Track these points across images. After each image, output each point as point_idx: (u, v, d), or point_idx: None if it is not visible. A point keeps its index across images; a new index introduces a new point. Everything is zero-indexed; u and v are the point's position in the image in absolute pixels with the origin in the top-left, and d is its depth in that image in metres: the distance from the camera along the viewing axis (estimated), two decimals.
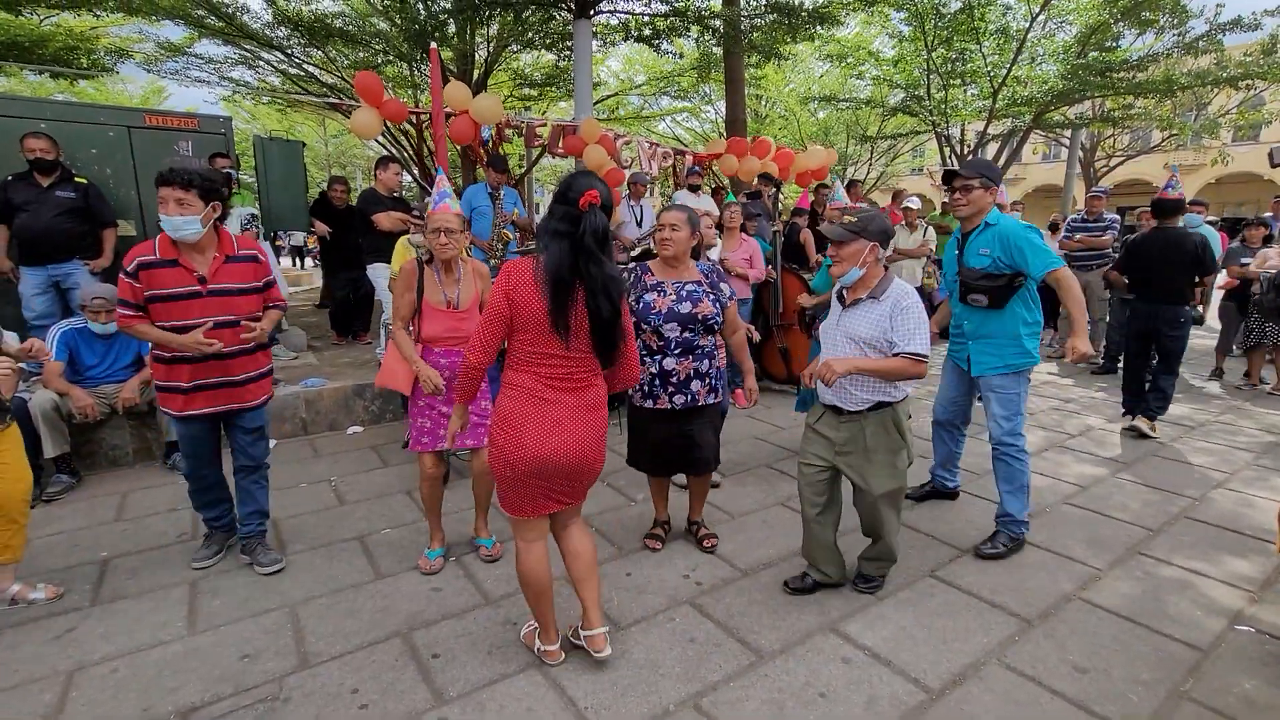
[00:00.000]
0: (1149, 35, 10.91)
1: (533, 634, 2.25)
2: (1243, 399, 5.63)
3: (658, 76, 14.55)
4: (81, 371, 3.75)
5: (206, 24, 9.06)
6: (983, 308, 2.94)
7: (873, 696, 2.06)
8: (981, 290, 2.91)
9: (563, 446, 1.96)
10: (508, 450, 1.96)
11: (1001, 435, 2.96)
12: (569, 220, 1.89)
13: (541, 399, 1.95)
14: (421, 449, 2.78)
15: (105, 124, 5.12)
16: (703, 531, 3.04)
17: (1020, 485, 2.95)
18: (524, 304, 1.89)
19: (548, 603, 2.13)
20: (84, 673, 2.17)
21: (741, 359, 2.94)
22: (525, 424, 1.94)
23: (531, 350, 1.94)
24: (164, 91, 19.29)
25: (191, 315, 2.50)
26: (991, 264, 2.86)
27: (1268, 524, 3.19)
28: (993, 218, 2.92)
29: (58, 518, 3.33)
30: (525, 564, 2.08)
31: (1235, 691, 2.08)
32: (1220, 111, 13.89)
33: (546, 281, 1.87)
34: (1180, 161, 22.33)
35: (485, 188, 5.48)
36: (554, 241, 1.89)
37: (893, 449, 2.42)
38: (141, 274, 2.45)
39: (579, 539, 2.17)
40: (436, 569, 2.79)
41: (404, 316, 2.76)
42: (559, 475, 2.00)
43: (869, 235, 2.31)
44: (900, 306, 2.30)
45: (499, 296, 1.91)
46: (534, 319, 1.90)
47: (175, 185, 2.38)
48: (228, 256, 2.59)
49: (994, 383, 2.97)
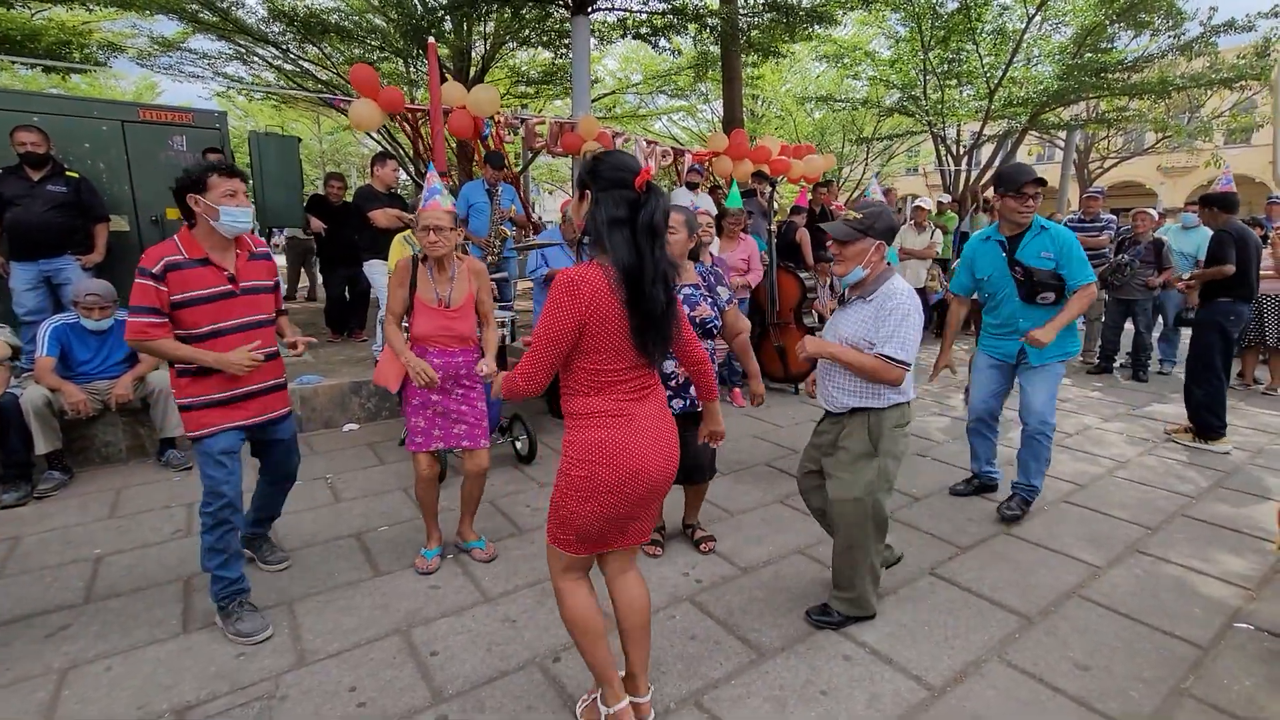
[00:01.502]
0: (1144, 37, 10.96)
1: (594, 707, 1.87)
2: (1237, 399, 5.66)
3: (655, 75, 14.55)
4: (74, 367, 3.71)
5: (200, 18, 9.00)
6: (1050, 304, 3.14)
7: (874, 694, 2.05)
8: (1051, 288, 3.11)
9: (669, 457, 1.75)
10: (617, 483, 1.65)
11: (1042, 419, 3.21)
12: (628, 204, 1.58)
13: (636, 419, 1.68)
14: (416, 449, 2.75)
15: (98, 118, 5.08)
16: (699, 534, 3.00)
17: (1045, 461, 3.29)
18: (602, 322, 1.58)
19: (605, 649, 1.79)
20: (77, 670, 2.14)
21: (745, 361, 2.87)
22: (634, 449, 1.65)
23: (614, 368, 1.64)
24: (157, 87, 19.17)
25: (229, 317, 2.29)
26: (1054, 265, 3.07)
27: (1265, 523, 3.21)
28: (1043, 221, 3.16)
29: (50, 515, 3.29)
30: (574, 607, 1.77)
31: (1235, 689, 2.08)
32: (1214, 114, 13.98)
33: (624, 284, 1.56)
34: (1173, 164, 22.49)
35: (483, 184, 5.45)
36: (617, 234, 1.57)
37: (861, 455, 2.26)
38: (170, 276, 2.18)
39: (635, 586, 1.85)
40: (433, 568, 2.77)
41: (396, 313, 2.73)
42: (661, 491, 1.77)
43: (875, 233, 2.19)
44: (886, 308, 2.17)
45: (569, 314, 1.55)
46: (611, 336, 1.60)
47: (237, 177, 2.25)
48: (250, 254, 2.41)
49: (1047, 371, 3.21)
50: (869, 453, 2.27)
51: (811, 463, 2.51)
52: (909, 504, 3.46)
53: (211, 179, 2.19)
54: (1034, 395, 3.22)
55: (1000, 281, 3.24)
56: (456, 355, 2.73)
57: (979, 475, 3.59)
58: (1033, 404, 3.23)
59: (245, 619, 2.32)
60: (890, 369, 2.14)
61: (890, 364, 2.14)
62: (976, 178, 11.30)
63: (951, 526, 3.20)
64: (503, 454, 4.10)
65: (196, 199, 2.20)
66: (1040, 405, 3.21)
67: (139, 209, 5.24)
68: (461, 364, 2.74)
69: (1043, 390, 3.21)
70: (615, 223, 1.57)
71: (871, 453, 2.26)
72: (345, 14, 9.98)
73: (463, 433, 2.76)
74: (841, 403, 2.32)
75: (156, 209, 5.29)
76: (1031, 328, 3.09)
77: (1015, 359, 3.27)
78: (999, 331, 3.33)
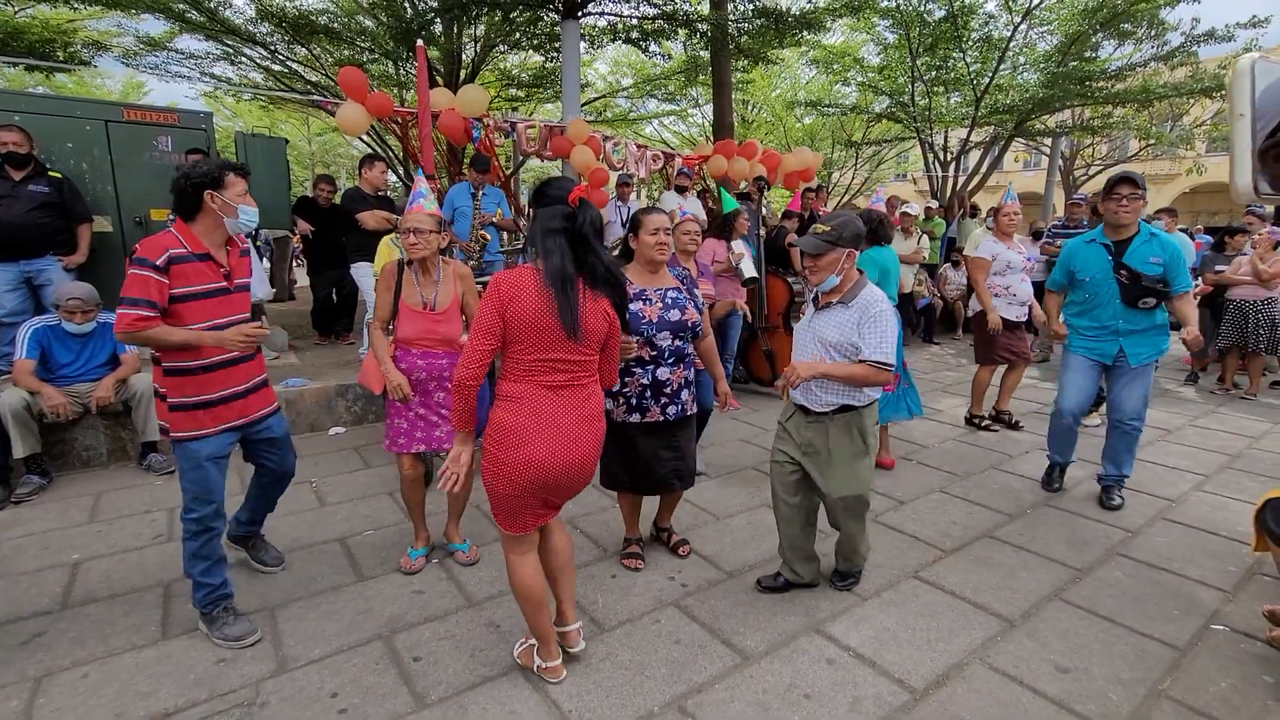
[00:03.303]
0: (1127, 46, 11.13)
1: (530, 651, 2.16)
2: (1217, 403, 5.74)
3: (645, 79, 14.56)
4: (54, 370, 3.66)
5: (187, 18, 8.91)
6: (1149, 310, 3.25)
7: (857, 697, 2.06)
8: (1155, 294, 3.20)
9: (570, 457, 1.91)
10: (512, 467, 1.87)
11: (1137, 414, 3.36)
12: (563, 216, 1.87)
13: (542, 410, 1.88)
14: (398, 450, 2.75)
15: (82, 118, 5.01)
16: (674, 539, 2.99)
17: (1134, 451, 3.46)
18: (522, 314, 1.82)
19: (546, 615, 2.07)
20: (53, 679, 2.11)
21: (712, 364, 2.85)
22: (529, 437, 1.86)
23: (535, 359, 1.87)
24: (144, 87, 18.98)
25: (223, 315, 2.26)
26: (1163, 271, 3.16)
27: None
28: (1153, 229, 3.24)
29: (28, 519, 3.25)
30: (521, 577, 2.02)
31: (1212, 690, 2.11)
32: (1196, 123, 14.20)
33: (552, 282, 1.82)
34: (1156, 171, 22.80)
35: (468, 187, 5.43)
36: (551, 239, 1.86)
37: (854, 453, 2.43)
38: (174, 269, 2.13)
39: (558, 535, 2.17)
40: (417, 568, 2.76)
41: (382, 317, 2.75)
42: (563, 486, 1.96)
43: (844, 243, 2.32)
44: (869, 315, 2.31)
45: (490, 312, 1.83)
46: (536, 326, 1.83)
47: (247, 176, 2.26)
48: (241, 250, 2.39)
49: (1145, 371, 3.33)
50: (861, 450, 2.44)
51: (788, 458, 2.53)
52: (894, 508, 3.48)
53: (229, 177, 2.21)
54: (1130, 393, 3.35)
55: (1102, 284, 3.31)
56: (440, 358, 2.74)
57: (1060, 464, 3.73)
58: (1127, 402, 3.37)
59: (233, 624, 2.30)
60: (881, 372, 2.28)
61: (880, 368, 2.27)
62: (964, 183, 11.41)
63: (935, 530, 3.22)
64: None
65: (214, 195, 2.18)
66: (1135, 403, 3.35)
67: (122, 210, 5.18)
68: (445, 366, 2.74)
69: (1139, 389, 3.34)
70: (551, 231, 1.87)
71: (863, 450, 2.44)
72: (334, 15, 9.93)
73: (444, 435, 2.76)
74: (827, 401, 2.40)
75: (140, 210, 5.24)
76: (1131, 330, 3.28)
77: (1113, 359, 3.37)
78: (1095, 333, 3.41)
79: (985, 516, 3.39)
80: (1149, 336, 3.31)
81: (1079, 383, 3.49)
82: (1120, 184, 3.17)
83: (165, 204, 5.10)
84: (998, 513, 3.43)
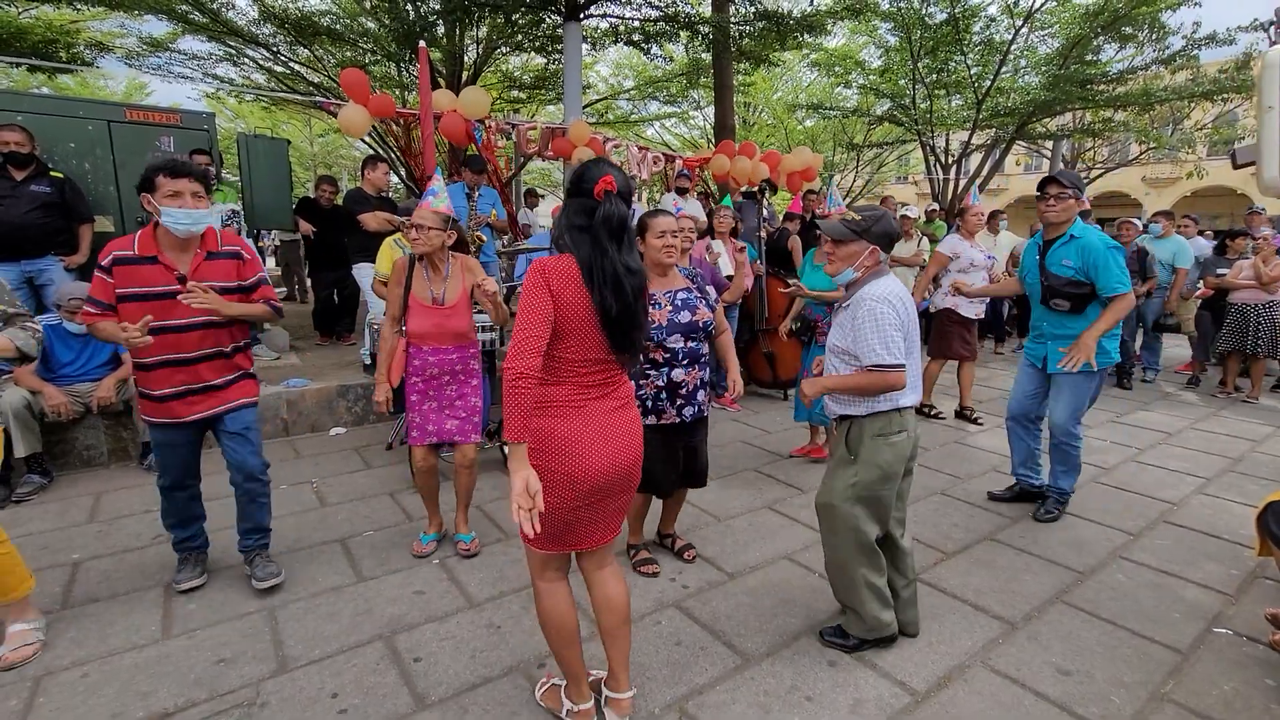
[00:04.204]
0: (1128, 49, 11.13)
1: (556, 692, 1.93)
2: (1218, 406, 5.74)
3: (647, 81, 14.58)
4: (55, 369, 3.66)
5: (190, 19, 8.94)
6: (1064, 311, 3.16)
7: (858, 699, 2.05)
8: (1065, 296, 3.13)
9: (625, 458, 1.75)
10: (568, 478, 1.68)
11: (1062, 427, 3.25)
12: (585, 212, 1.69)
13: (582, 411, 1.70)
14: (413, 442, 2.88)
15: (84, 118, 5.03)
16: (680, 543, 2.98)
17: (1073, 466, 3.34)
18: (569, 305, 1.64)
19: (577, 652, 1.83)
20: (52, 678, 2.10)
21: (726, 356, 2.82)
22: (582, 442, 1.68)
23: (579, 358, 1.69)
24: (146, 88, 19.01)
25: (171, 316, 2.32)
26: (1074, 274, 3.08)
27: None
28: (1078, 230, 3.11)
29: (28, 519, 3.24)
30: (550, 607, 1.79)
31: (1214, 693, 2.10)
32: (1196, 126, 14.20)
33: (591, 278, 1.66)
34: (1157, 175, 22.79)
35: (464, 188, 5.45)
36: (576, 236, 1.70)
37: (840, 461, 2.24)
38: (116, 270, 2.28)
39: (614, 584, 1.86)
40: (428, 552, 2.90)
41: (393, 314, 2.82)
42: (616, 490, 1.77)
43: (870, 236, 2.12)
44: (859, 315, 2.10)
45: (541, 292, 1.61)
46: (577, 322, 1.66)
47: (192, 178, 2.28)
48: (209, 253, 2.42)
49: (1067, 380, 3.20)
50: (846, 459, 2.21)
51: None
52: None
53: (159, 179, 2.26)
54: (1056, 403, 3.27)
55: (1033, 284, 3.31)
56: (450, 352, 2.84)
57: (1016, 477, 3.60)
58: (1053, 412, 3.29)
59: (183, 570, 2.60)
60: (884, 376, 2.07)
61: (880, 371, 2.07)
62: (965, 186, 11.41)
63: (937, 532, 3.22)
64: (492, 459, 4.08)
65: (147, 198, 2.27)
66: (1059, 414, 3.25)
67: (124, 210, 5.18)
68: (456, 360, 2.85)
69: (1064, 399, 3.23)
70: (575, 228, 1.71)
71: (849, 459, 2.20)
72: (337, 17, 9.95)
73: (454, 428, 2.88)
74: (833, 410, 2.30)
75: (141, 210, 5.22)
76: (1056, 334, 3.20)
77: (1041, 363, 3.32)
78: (1032, 335, 3.42)
79: (986, 519, 3.38)
80: (1070, 344, 3.14)
81: (1020, 384, 3.48)
82: (1048, 184, 3.15)
83: None
84: (999, 515, 3.42)
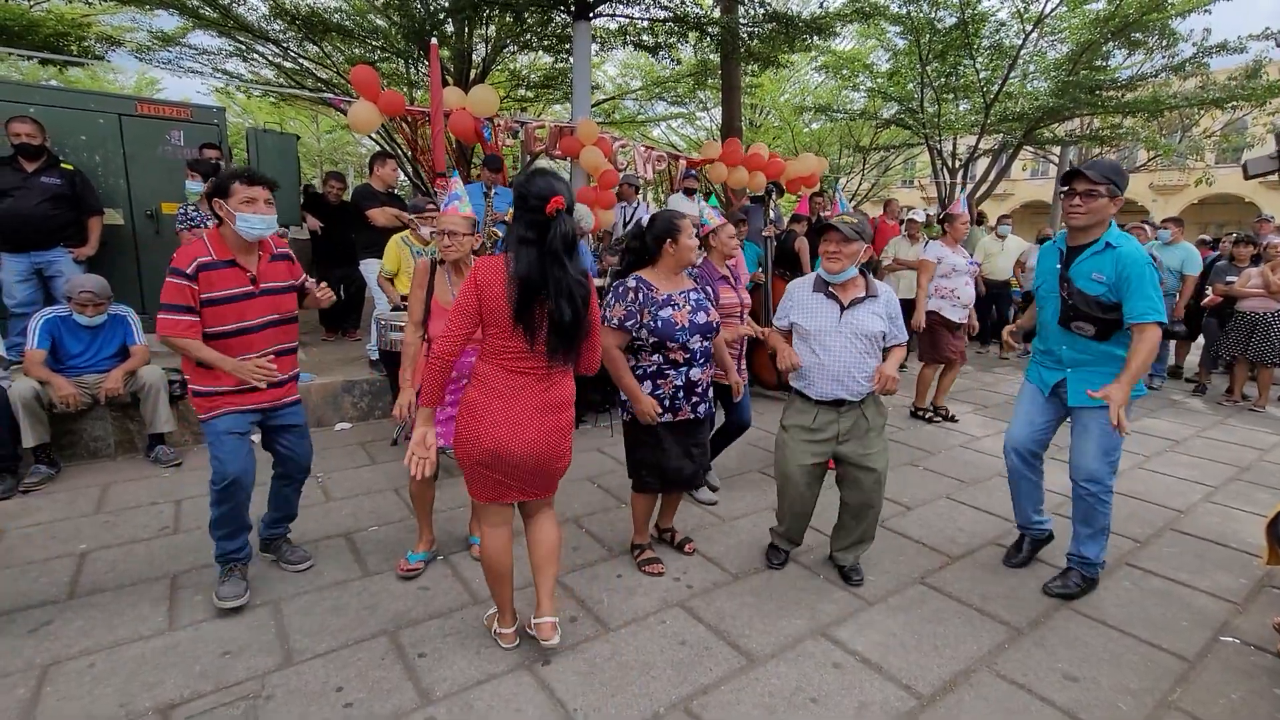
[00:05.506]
0: (1138, 56, 11.10)
1: (492, 618, 2.31)
2: (1225, 414, 5.71)
3: (654, 82, 14.59)
4: (64, 360, 3.68)
5: (201, 14, 8.98)
6: (1087, 336, 2.52)
7: (864, 702, 2.05)
8: (1091, 320, 2.49)
9: (517, 444, 2.00)
10: (466, 438, 2.02)
11: (1091, 474, 2.55)
12: (535, 227, 1.93)
13: (503, 393, 2.00)
14: None
15: (95, 111, 5.05)
16: (678, 537, 3.04)
17: (1101, 528, 2.62)
18: (493, 301, 1.93)
19: (506, 587, 2.21)
20: (59, 667, 2.11)
21: (723, 358, 2.97)
22: (484, 416, 1.99)
23: (500, 344, 1.99)
24: (157, 83, 19.09)
25: (248, 316, 2.42)
26: (1105, 292, 2.44)
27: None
28: (1116, 238, 2.45)
29: (35, 509, 3.26)
30: (487, 548, 2.16)
31: (1221, 702, 2.09)
32: (1205, 133, 14.15)
33: (514, 286, 1.91)
34: (1165, 182, 22.71)
35: (481, 187, 5.46)
36: (522, 249, 1.93)
37: (884, 425, 2.69)
38: (202, 276, 2.32)
39: (543, 528, 2.22)
40: (415, 571, 2.73)
41: (415, 319, 2.75)
42: (514, 470, 2.04)
43: (865, 238, 2.53)
44: (893, 303, 2.64)
45: (469, 292, 1.94)
46: (502, 316, 1.94)
47: (266, 185, 2.37)
48: (271, 255, 2.52)
49: (1095, 417, 2.50)
50: (886, 417, 2.72)
51: (816, 457, 2.65)
52: (901, 513, 3.47)
53: (235, 186, 2.32)
54: (1079, 444, 2.59)
55: (1048, 297, 2.66)
56: (470, 355, 2.77)
57: (1023, 529, 2.96)
58: (1076, 454, 2.60)
59: (227, 583, 2.48)
60: (904, 349, 2.67)
61: (904, 346, 2.68)
62: (972, 190, 11.38)
63: (942, 536, 3.21)
64: None
65: (220, 204, 2.33)
66: (1089, 459, 2.54)
67: (134, 203, 5.21)
68: (468, 363, 2.79)
69: (1094, 439, 2.53)
70: (523, 241, 1.94)
71: (887, 415, 2.72)
72: (347, 14, 9.98)
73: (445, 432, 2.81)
74: (864, 389, 2.59)
75: (151, 203, 5.26)
76: (1078, 361, 2.58)
77: (1051, 391, 2.70)
78: (1041, 357, 2.76)
79: (992, 523, 3.37)
80: (1099, 373, 2.51)
81: (1026, 411, 2.80)
82: (1074, 178, 2.45)
83: (176, 198, 5.13)
84: (1005, 520, 3.41)
